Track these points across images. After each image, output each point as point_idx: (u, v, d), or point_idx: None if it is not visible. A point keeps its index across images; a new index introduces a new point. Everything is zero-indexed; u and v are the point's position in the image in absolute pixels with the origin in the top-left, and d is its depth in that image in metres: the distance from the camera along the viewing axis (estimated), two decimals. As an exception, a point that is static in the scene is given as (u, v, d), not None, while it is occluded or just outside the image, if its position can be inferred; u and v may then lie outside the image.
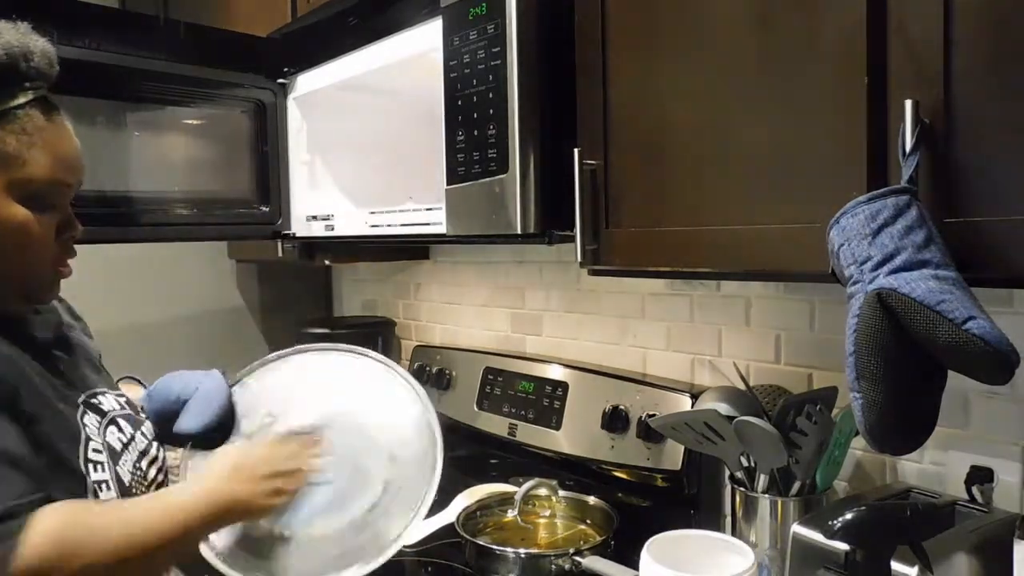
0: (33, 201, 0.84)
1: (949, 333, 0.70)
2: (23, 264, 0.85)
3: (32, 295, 0.89)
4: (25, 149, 0.82)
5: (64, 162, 0.86)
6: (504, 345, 1.86)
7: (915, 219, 0.74)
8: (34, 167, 0.83)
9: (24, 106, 0.82)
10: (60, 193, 0.87)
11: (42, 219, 0.85)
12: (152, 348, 2.07)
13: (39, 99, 0.85)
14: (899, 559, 0.85)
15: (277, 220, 1.69)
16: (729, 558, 1.05)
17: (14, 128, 0.81)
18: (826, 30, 0.84)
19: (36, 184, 0.83)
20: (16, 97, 0.82)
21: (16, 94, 0.82)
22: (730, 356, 1.39)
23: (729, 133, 0.95)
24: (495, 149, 1.12)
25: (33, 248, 0.85)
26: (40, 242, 0.85)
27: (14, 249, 0.84)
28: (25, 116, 0.82)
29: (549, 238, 1.14)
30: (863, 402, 0.75)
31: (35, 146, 0.83)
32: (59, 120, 0.87)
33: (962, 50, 0.75)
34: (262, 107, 1.64)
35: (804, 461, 1.07)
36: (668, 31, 1.01)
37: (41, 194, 0.84)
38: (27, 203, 0.83)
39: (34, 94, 0.84)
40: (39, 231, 0.85)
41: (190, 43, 1.50)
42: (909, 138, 0.76)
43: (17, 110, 0.82)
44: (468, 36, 1.14)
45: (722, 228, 0.96)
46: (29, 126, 0.82)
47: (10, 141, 0.81)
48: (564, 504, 1.44)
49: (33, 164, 0.83)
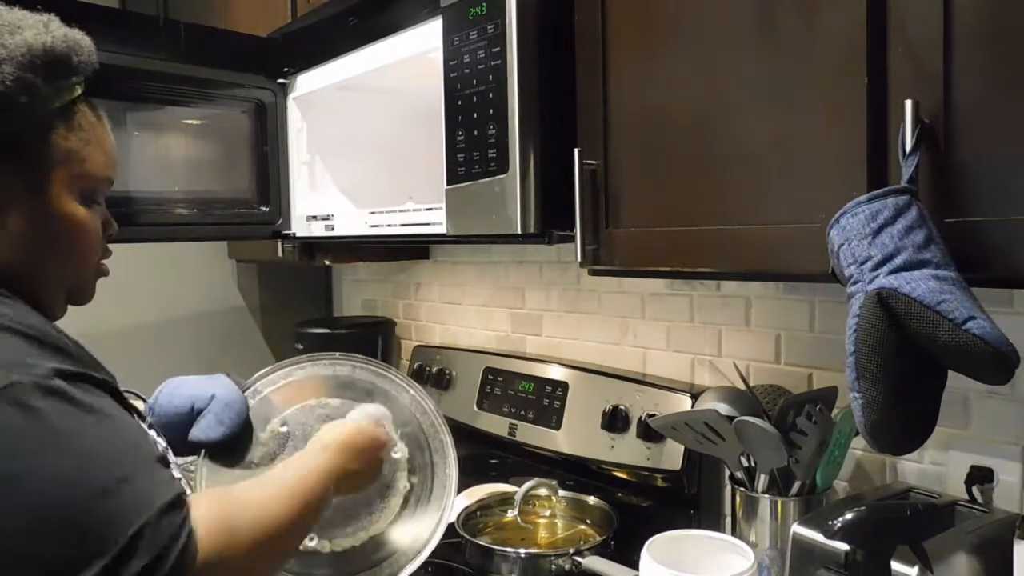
0: (87, 198, 0.82)
1: (949, 333, 0.70)
2: (75, 262, 0.84)
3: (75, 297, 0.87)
4: (83, 145, 0.81)
5: (111, 157, 0.86)
6: (504, 345, 1.86)
7: (915, 219, 0.75)
8: (91, 164, 0.82)
9: (75, 101, 0.81)
10: (106, 190, 0.86)
11: (92, 216, 0.83)
12: (152, 348, 2.07)
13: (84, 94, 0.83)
14: (899, 559, 0.85)
15: (277, 220, 1.69)
16: (729, 558, 1.05)
17: (72, 124, 0.80)
18: (826, 30, 0.84)
19: (92, 181, 0.82)
20: (73, 91, 0.80)
21: (73, 88, 0.80)
22: (730, 356, 1.39)
23: (729, 133, 0.95)
24: (495, 149, 1.12)
25: (87, 245, 0.84)
26: (94, 239, 0.84)
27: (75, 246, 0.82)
28: (79, 112, 0.81)
29: (549, 238, 1.14)
30: (863, 402, 0.75)
31: (90, 142, 0.82)
32: (101, 114, 0.86)
33: (962, 50, 0.75)
34: (262, 107, 1.64)
35: (804, 461, 1.07)
36: (668, 31, 1.01)
37: (94, 191, 0.83)
38: (82, 201, 0.82)
39: (82, 88, 0.82)
40: (93, 228, 0.83)
41: (190, 43, 1.50)
42: (909, 138, 0.76)
43: (74, 105, 0.80)
44: (468, 36, 1.14)
45: (722, 228, 0.96)
46: (84, 122, 0.81)
47: (71, 137, 0.80)
48: (564, 504, 1.44)
49: (91, 161, 0.81)
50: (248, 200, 1.67)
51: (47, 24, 0.78)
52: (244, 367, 1.22)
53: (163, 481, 0.70)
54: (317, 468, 0.88)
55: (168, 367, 1.16)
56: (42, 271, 0.81)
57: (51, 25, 0.78)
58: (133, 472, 0.67)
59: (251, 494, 0.80)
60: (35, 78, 0.74)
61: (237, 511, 0.75)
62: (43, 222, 0.79)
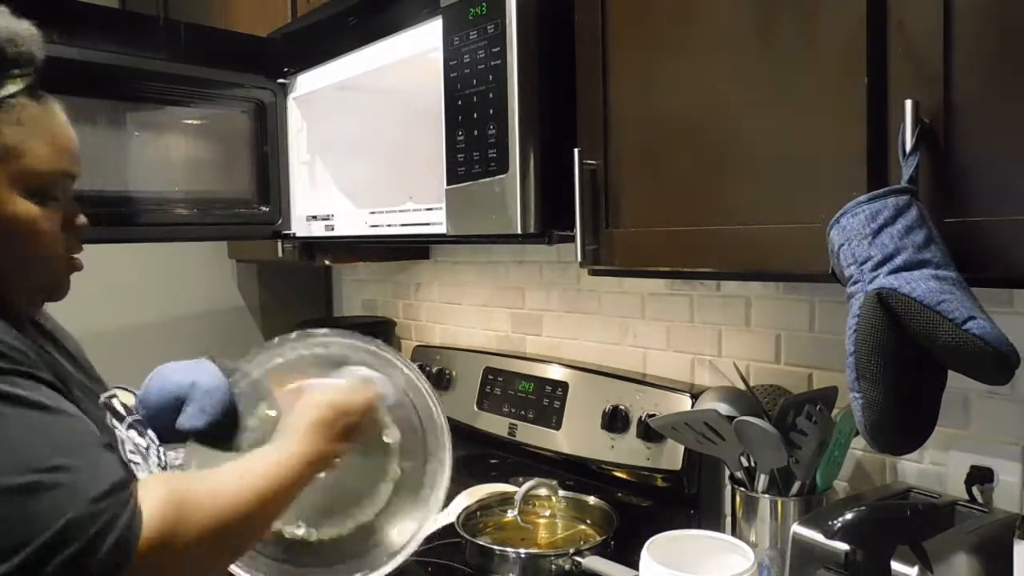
0: (36, 194, 0.80)
1: (949, 333, 0.70)
2: (34, 261, 0.82)
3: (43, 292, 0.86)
4: (22, 140, 0.78)
5: (63, 151, 0.82)
6: (504, 345, 1.86)
7: (915, 219, 0.75)
8: (34, 159, 0.79)
9: (15, 95, 0.78)
10: (62, 184, 0.84)
11: (47, 212, 0.81)
12: (152, 348, 2.06)
13: (28, 86, 0.79)
14: (899, 559, 0.85)
15: (277, 220, 1.69)
16: (729, 558, 1.05)
17: (8, 119, 0.77)
18: (826, 30, 0.84)
19: (38, 176, 0.79)
20: (5, 86, 0.77)
21: (5, 82, 0.77)
22: (730, 356, 1.39)
23: (729, 133, 0.95)
24: (495, 149, 1.12)
25: (43, 243, 0.82)
26: (49, 237, 0.82)
27: (24, 246, 0.80)
28: (18, 105, 0.78)
29: (549, 238, 1.14)
30: (863, 402, 0.75)
31: (32, 136, 0.79)
32: (52, 107, 0.83)
33: (962, 50, 0.75)
34: (262, 107, 1.64)
35: (804, 461, 1.07)
36: (668, 31, 1.01)
37: (44, 186, 0.80)
38: (31, 197, 0.79)
39: (23, 82, 0.78)
40: (46, 225, 0.81)
41: (190, 43, 1.50)
42: (909, 138, 0.76)
43: (9, 99, 0.77)
44: (468, 36, 1.14)
45: (722, 228, 0.96)
46: (23, 115, 0.78)
47: (6, 132, 0.77)
48: (564, 504, 1.43)
49: (32, 155, 0.79)
50: (248, 200, 1.67)
51: None
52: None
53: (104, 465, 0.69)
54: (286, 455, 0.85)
55: (168, 367, 1.16)
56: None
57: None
58: (67, 460, 0.67)
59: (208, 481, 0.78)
60: None
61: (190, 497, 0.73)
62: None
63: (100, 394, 0.91)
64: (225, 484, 0.78)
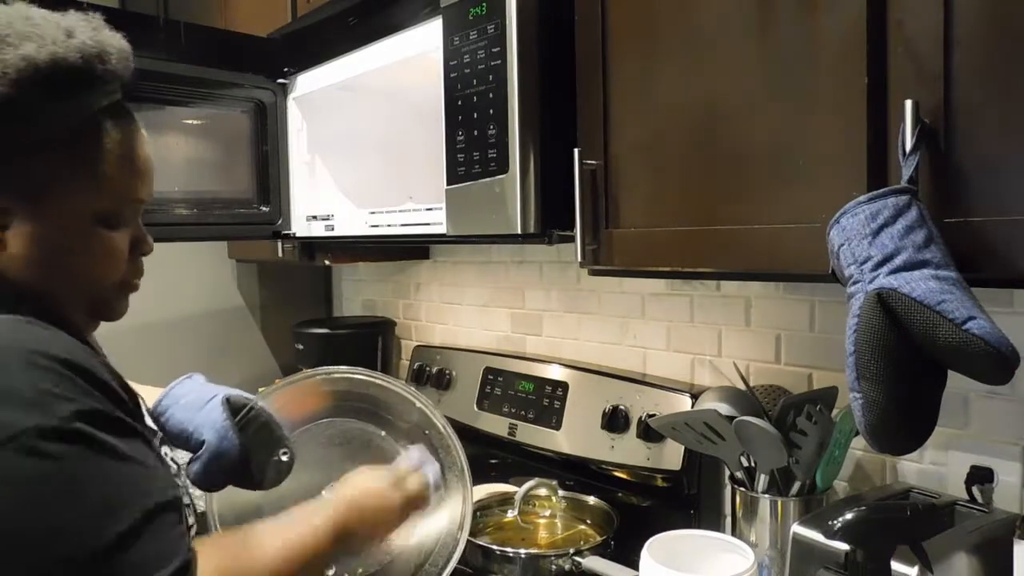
0: (109, 220, 0.77)
1: (949, 333, 0.70)
2: (96, 283, 0.79)
3: (101, 314, 0.84)
4: (101, 166, 0.75)
5: (139, 176, 0.80)
6: (504, 345, 1.86)
7: (915, 219, 0.74)
8: (110, 185, 0.76)
9: (99, 115, 0.75)
10: (135, 210, 0.81)
11: (117, 237, 0.79)
12: (152, 348, 2.06)
13: (113, 105, 0.77)
14: (899, 559, 0.85)
15: (277, 220, 1.69)
16: (729, 558, 1.05)
17: (88, 140, 0.74)
18: (826, 30, 0.84)
19: (113, 203, 0.77)
20: (91, 106, 0.74)
21: (91, 102, 0.74)
22: (730, 356, 1.39)
23: (729, 133, 0.95)
24: (495, 149, 1.12)
25: (108, 267, 0.79)
26: (115, 261, 0.79)
27: (92, 270, 0.78)
28: (100, 128, 0.75)
29: (549, 238, 1.14)
30: (863, 402, 0.75)
31: (110, 163, 0.76)
32: (135, 129, 0.80)
33: (962, 50, 0.75)
34: (262, 107, 1.64)
35: (804, 461, 1.07)
36: (668, 31, 1.01)
37: (117, 213, 0.78)
38: (102, 223, 0.77)
39: (108, 100, 0.76)
40: (116, 249, 0.79)
41: (190, 43, 1.50)
42: (909, 138, 0.76)
43: (95, 119, 0.75)
44: (468, 36, 1.14)
45: (722, 228, 0.96)
46: (105, 139, 0.75)
47: (85, 156, 0.74)
48: (564, 504, 1.44)
49: (109, 182, 0.76)
50: (248, 200, 1.67)
51: (70, 31, 0.72)
52: (244, 367, 1.22)
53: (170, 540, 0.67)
54: (319, 532, 0.85)
55: (168, 367, 1.16)
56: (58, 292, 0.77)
57: (77, 32, 0.73)
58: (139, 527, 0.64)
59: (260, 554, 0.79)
60: (31, 95, 0.69)
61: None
62: (53, 243, 0.74)
63: None
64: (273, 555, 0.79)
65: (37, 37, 0.70)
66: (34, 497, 0.61)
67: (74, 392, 0.65)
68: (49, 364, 0.65)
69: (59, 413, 0.63)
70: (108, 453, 0.65)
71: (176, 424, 0.97)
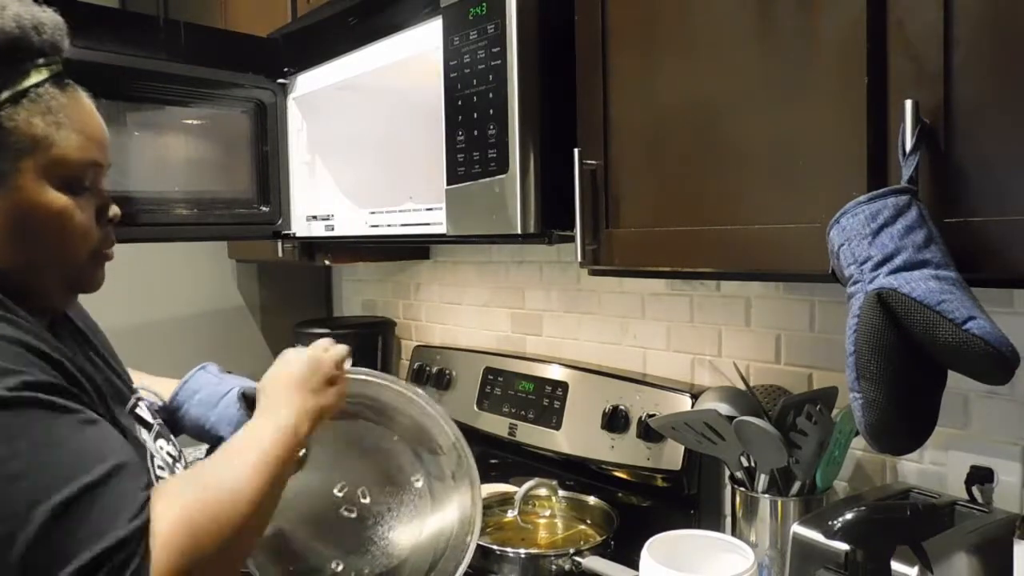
0: (69, 185, 0.77)
1: (949, 333, 0.70)
2: (67, 253, 0.79)
3: (78, 285, 0.84)
4: (53, 130, 0.76)
5: (93, 140, 0.80)
6: (504, 345, 1.86)
7: (915, 219, 0.74)
8: (65, 148, 0.76)
9: (43, 83, 0.76)
10: (94, 174, 0.81)
11: (80, 203, 0.78)
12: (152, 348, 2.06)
13: (55, 75, 0.77)
14: (899, 559, 0.85)
15: (277, 220, 1.69)
16: (729, 558, 1.05)
17: (37, 108, 0.75)
18: (826, 30, 0.84)
19: (69, 166, 0.77)
20: (32, 75, 0.75)
21: (31, 71, 0.75)
22: (730, 356, 1.39)
23: (729, 133, 0.95)
24: (495, 149, 1.12)
25: (76, 235, 0.79)
26: (83, 228, 0.79)
27: (56, 237, 0.78)
28: (45, 95, 0.76)
29: (549, 238, 1.14)
30: (863, 402, 0.75)
31: (62, 125, 0.76)
32: (79, 95, 0.80)
33: (962, 50, 0.75)
34: (262, 107, 1.64)
35: (804, 461, 1.07)
36: (668, 31, 1.01)
37: (75, 177, 0.78)
38: (63, 188, 0.77)
39: (49, 71, 0.76)
40: (80, 216, 0.79)
41: (190, 43, 1.50)
42: (909, 138, 0.76)
43: (36, 88, 0.75)
44: (468, 36, 1.14)
45: (722, 228, 0.96)
46: (53, 105, 0.76)
47: (36, 123, 0.75)
48: (564, 504, 1.44)
49: (63, 145, 0.76)
50: (248, 200, 1.67)
51: (3, 6, 0.74)
52: (244, 367, 1.22)
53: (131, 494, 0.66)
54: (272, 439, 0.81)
55: (168, 367, 1.16)
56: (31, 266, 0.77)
57: (9, 6, 0.74)
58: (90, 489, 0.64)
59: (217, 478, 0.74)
60: None
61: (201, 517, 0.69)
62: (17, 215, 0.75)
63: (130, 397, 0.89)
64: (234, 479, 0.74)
65: None
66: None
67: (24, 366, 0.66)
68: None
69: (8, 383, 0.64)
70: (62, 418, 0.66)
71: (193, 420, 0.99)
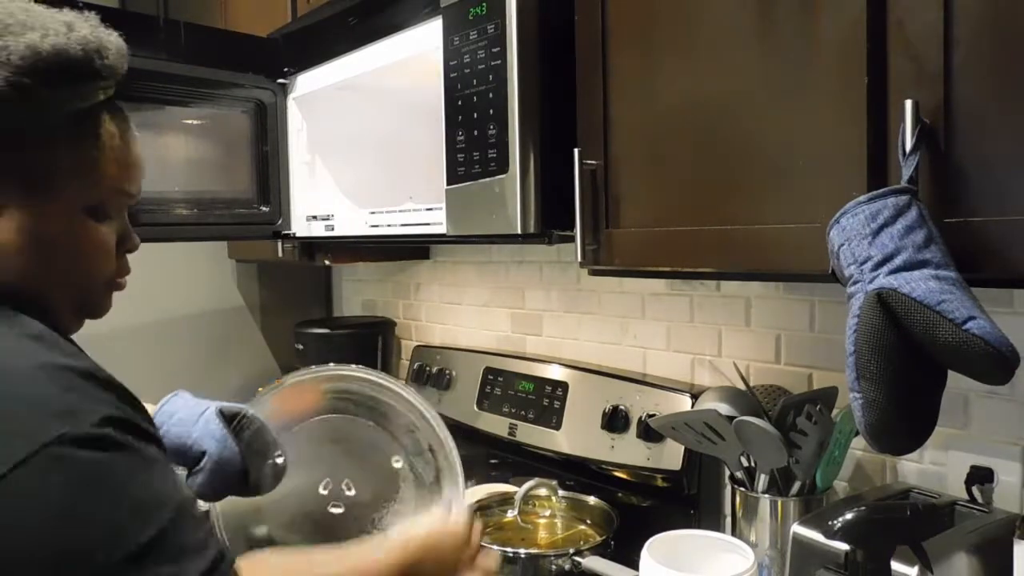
0: (96, 211, 0.78)
1: (949, 333, 0.70)
2: (84, 276, 0.79)
3: (88, 310, 0.83)
4: (96, 156, 0.76)
5: (131, 171, 0.81)
6: (504, 345, 1.86)
7: (915, 219, 0.74)
8: (103, 175, 0.77)
9: (97, 108, 0.76)
10: (123, 204, 0.82)
11: (104, 230, 0.79)
12: (152, 348, 2.07)
13: (108, 100, 0.78)
14: (899, 559, 0.85)
15: (277, 220, 1.69)
16: (729, 558, 1.05)
17: (84, 133, 0.76)
18: (826, 30, 0.84)
19: (103, 193, 0.78)
20: (89, 98, 0.75)
21: (90, 95, 0.75)
22: (730, 356, 1.39)
23: (729, 133, 0.95)
24: (495, 149, 1.12)
25: (98, 261, 0.79)
26: (102, 254, 0.80)
27: (76, 260, 0.78)
28: (97, 120, 0.77)
29: (549, 238, 1.14)
30: (863, 402, 0.75)
31: (104, 154, 0.77)
32: (127, 125, 0.81)
33: (962, 50, 0.75)
34: (262, 107, 1.64)
35: (804, 461, 1.07)
36: (668, 31, 1.01)
37: (106, 204, 0.79)
38: (90, 213, 0.77)
39: (104, 95, 0.77)
40: (104, 243, 0.79)
41: (190, 43, 1.50)
42: (909, 138, 0.76)
43: (90, 112, 0.76)
44: (468, 36, 1.14)
45: (722, 228, 0.96)
46: (102, 132, 0.77)
47: (82, 148, 0.75)
48: (564, 504, 1.43)
49: (102, 172, 0.77)
50: (248, 200, 1.67)
51: (71, 25, 0.73)
52: (244, 367, 1.22)
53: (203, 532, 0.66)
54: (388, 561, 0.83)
55: (168, 367, 1.16)
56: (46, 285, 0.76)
57: (76, 26, 0.74)
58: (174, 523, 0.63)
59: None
60: (34, 83, 0.70)
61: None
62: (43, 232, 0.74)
63: None
64: None
65: (40, 27, 0.71)
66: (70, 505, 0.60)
67: (97, 401, 0.65)
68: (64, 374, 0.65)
69: (89, 420, 0.62)
70: (138, 457, 0.65)
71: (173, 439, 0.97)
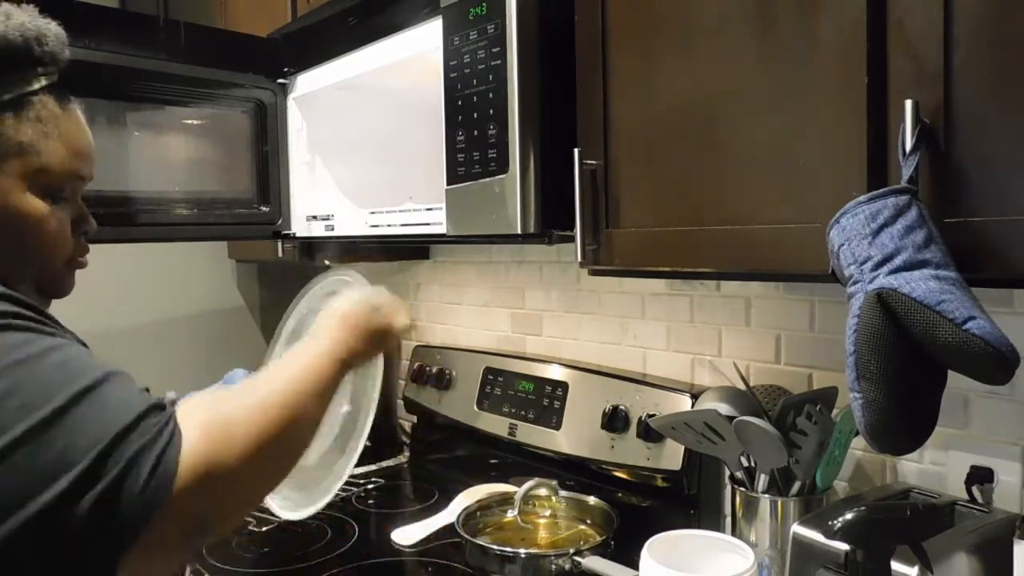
0: (47, 193, 0.80)
1: (949, 333, 0.70)
2: (41, 257, 0.82)
3: (48, 290, 0.85)
4: (40, 138, 0.78)
5: (79, 153, 0.83)
6: (504, 345, 1.86)
7: (915, 219, 0.74)
8: (50, 157, 0.79)
9: (38, 92, 0.78)
10: (74, 186, 0.84)
11: (57, 212, 0.81)
12: (152, 348, 2.07)
13: (51, 86, 0.80)
14: (899, 559, 0.85)
15: (277, 220, 1.69)
16: (729, 558, 1.05)
17: (28, 116, 0.77)
18: (826, 30, 0.84)
19: (52, 175, 0.80)
20: (30, 83, 0.78)
21: (30, 80, 0.78)
22: (730, 356, 1.39)
23: (729, 133, 0.95)
24: (495, 149, 1.12)
25: (50, 242, 0.82)
26: (56, 235, 0.82)
27: (31, 242, 0.80)
28: (39, 103, 0.78)
29: (549, 238, 1.14)
30: (863, 402, 0.75)
31: (50, 136, 0.79)
32: (72, 108, 0.83)
33: (962, 50, 0.75)
34: (262, 107, 1.64)
35: (804, 461, 1.07)
36: (668, 31, 1.01)
37: (56, 186, 0.81)
38: (43, 195, 0.79)
39: (47, 80, 0.79)
40: (54, 224, 0.81)
41: (190, 43, 1.50)
42: (909, 138, 0.76)
43: (31, 96, 0.78)
44: (468, 36, 1.14)
45: (722, 228, 0.96)
46: (44, 114, 0.79)
47: (25, 130, 0.77)
48: (564, 504, 1.44)
49: (49, 154, 0.79)
50: (248, 200, 1.67)
51: (8, 14, 0.76)
52: (244, 367, 1.22)
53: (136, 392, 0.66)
54: (315, 363, 0.80)
55: (168, 367, 1.16)
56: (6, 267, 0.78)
57: (14, 15, 0.77)
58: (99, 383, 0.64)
59: (249, 393, 0.73)
60: None
61: (233, 411, 0.68)
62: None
63: None
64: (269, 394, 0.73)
65: None
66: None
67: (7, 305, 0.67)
68: None
69: None
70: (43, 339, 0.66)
71: None
